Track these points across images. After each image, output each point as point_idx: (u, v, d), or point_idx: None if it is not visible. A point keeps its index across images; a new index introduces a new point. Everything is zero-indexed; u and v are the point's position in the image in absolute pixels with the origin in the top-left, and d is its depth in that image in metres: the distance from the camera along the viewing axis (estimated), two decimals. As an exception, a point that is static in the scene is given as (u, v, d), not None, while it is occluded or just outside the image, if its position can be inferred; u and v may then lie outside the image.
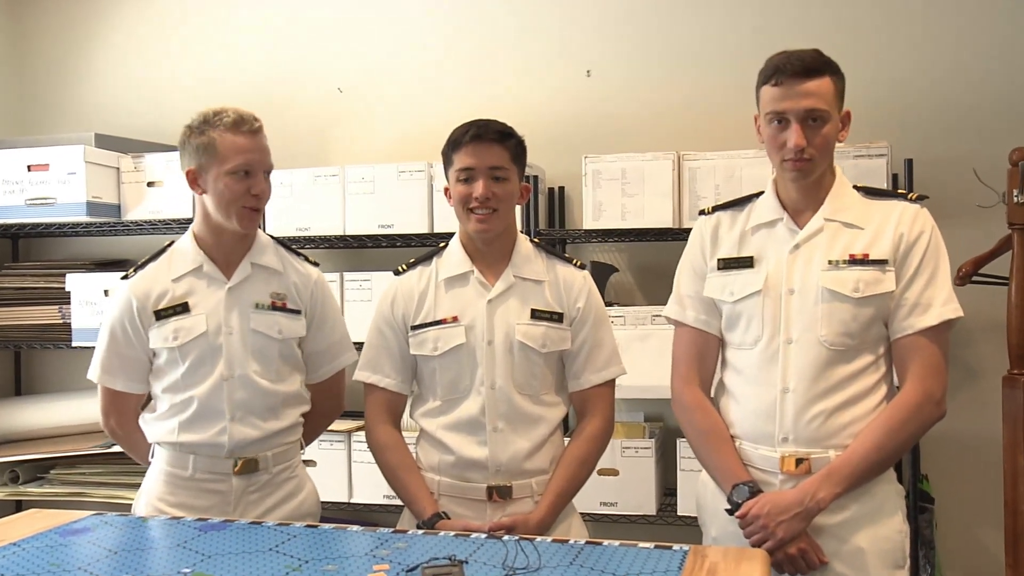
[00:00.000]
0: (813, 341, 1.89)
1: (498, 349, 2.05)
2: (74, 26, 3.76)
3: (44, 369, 3.76)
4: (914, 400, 1.87)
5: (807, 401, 1.89)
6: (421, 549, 1.71)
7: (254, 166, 2.09)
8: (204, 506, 2.11)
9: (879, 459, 1.86)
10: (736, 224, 2.03)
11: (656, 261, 3.19)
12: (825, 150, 1.89)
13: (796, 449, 1.90)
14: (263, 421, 2.14)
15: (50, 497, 3.24)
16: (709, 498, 2.03)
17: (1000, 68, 2.95)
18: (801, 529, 1.85)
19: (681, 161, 2.90)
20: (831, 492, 1.85)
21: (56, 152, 3.20)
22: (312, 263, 2.32)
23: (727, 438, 1.99)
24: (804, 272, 1.92)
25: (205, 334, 2.11)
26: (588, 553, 1.67)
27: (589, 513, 2.89)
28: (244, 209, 2.09)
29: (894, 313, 1.90)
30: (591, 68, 3.26)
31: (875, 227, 1.92)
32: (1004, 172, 2.65)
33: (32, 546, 1.77)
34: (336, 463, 3.14)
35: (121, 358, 2.16)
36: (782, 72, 1.87)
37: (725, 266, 2.00)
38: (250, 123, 2.09)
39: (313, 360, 2.27)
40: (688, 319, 2.05)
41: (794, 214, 1.97)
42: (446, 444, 2.06)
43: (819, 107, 1.85)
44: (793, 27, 3.06)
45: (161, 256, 2.19)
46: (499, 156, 2.02)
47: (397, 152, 3.35)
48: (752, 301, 1.95)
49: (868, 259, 1.89)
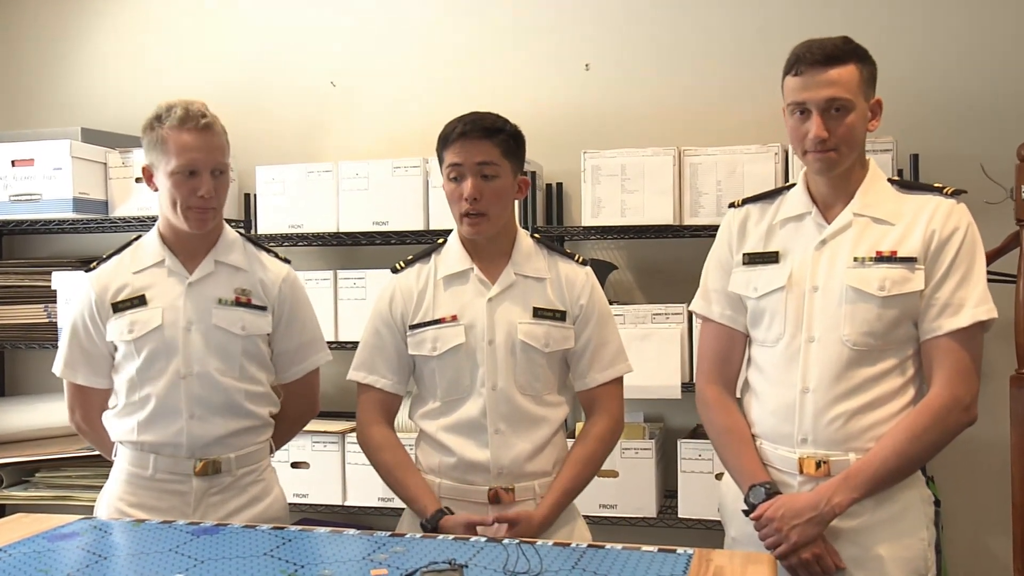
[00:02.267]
0: (835, 340, 1.84)
1: (499, 349, 2.00)
2: (60, 18, 3.71)
3: (29, 369, 3.71)
4: (940, 404, 1.81)
5: (827, 402, 1.84)
6: (420, 553, 1.67)
7: (198, 165, 2.02)
8: (164, 507, 2.08)
9: (900, 465, 1.81)
10: (765, 217, 1.99)
11: (656, 259, 3.16)
12: (850, 141, 1.83)
13: (815, 451, 1.85)
14: (224, 420, 2.10)
15: (36, 501, 3.21)
16: (730, 498, 2.00)
17: (1008, 62, 2.92)
18: (815, 534, 1.81)
19: (682, 157, 2.86)
20: (848, 497, 1.79)
21: (41, 147, 3.17)
22: (283, 260, 2.27)
23: (747, 438, 1.95)
24: (829, 269, 1.87)
25: (160, 328, 2.08)
26: (590, 557, 1.64)
27: (588, 515, 2.82)
28: (189, 210, 2.05)
29: (923, 313, 1.84)
30: (590, 62, 3.22)
31: (906, 223, 1.86)
32: (1012, 167, 2.63)
33: (19, 552, 1.73)
34: (330, 465, 3.09)
35: (83, 352, 2.15)
36: (802, 61, 1.82)
37: (750, 261, 1.97)
38: (196, 120, 2.02)
39: (282, 360, 2.23)
40: (714, 314, 2.02)
41: (824, 208, 1.92)
42: (447, 446, 2.02)
43: (840, 96, 1.79)
44: (796, 21, 3.03)
45: (125, 250, 2.18)
46: (487, 152, 1.96)
47: (391, 147, 3.31)
48: (775, 297, 1.91)
49: (896, 256, 1.83)
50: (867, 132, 1.87)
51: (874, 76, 1.87)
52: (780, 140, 2.80)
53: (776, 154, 2.77)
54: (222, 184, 2.08)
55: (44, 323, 3.35)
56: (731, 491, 1.99)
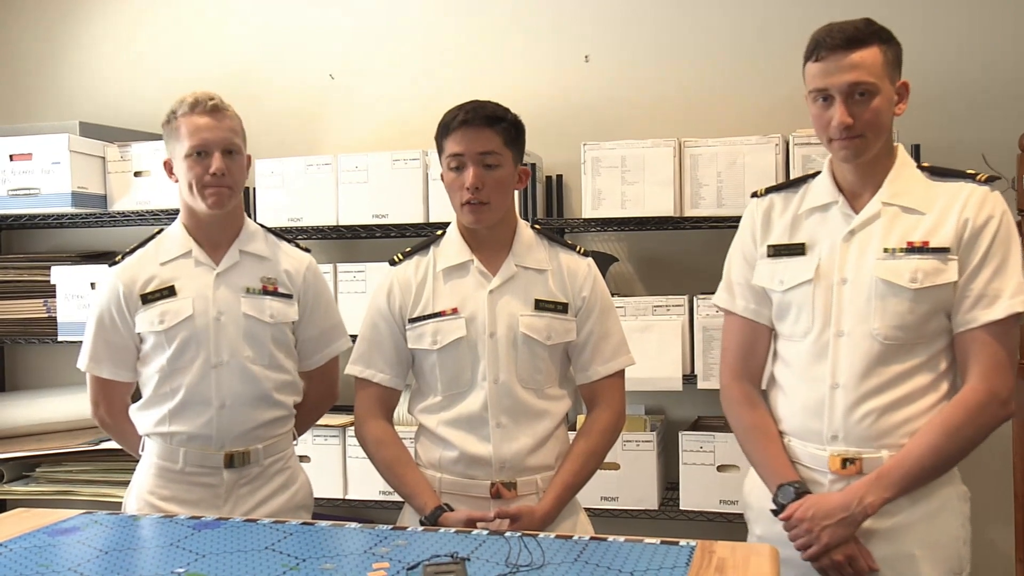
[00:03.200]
0: (865, 335, 1.78)
1: (501, 342, 1.98)
2: (58, 12, 3.69)
3: (29, 364, 3.70)
4: (976, 399, 1.74)
5: (858, 398, 1.78)
6: (422, 546, 1.66)
7: (208, 145, 2.05)
8: (195, 499, 2.09)
9: (935, 463, 1.75)
10: (789, 207, 1.92)
11: (657, 250, 3.15)
12: (876, 126, 1.76)
13: (846, 448, 1.80)
14: (253, 410, 2.11)
15: (36, 496, 3.20)
16: (755, 496, 1.95)
17: (1009, 52, 2.90)
18: (847, 535, 1.75)
19: (682, 148, 2.84)
20: (880, 497, 1.74)
21: (39, 141, 3.15)
22: (304, 249, 2.30)
23: (775, 435, 1.90)
24: (858, 260, 1.80)
25: (191, 317, 2.08)
26: (593, 549, 1.63)
27: (590, 508, 2.82)
28: (205, 188, 2.06)
29: (957, 305, 1.77)
30: (589, 53, 3.21)
31: (938, 212, 1.78)
32: (1014, 157, 2.62)
33: (20, 547, 1.72)
34: (331, 458, 3.09)
35: (108, 345, 2.15)
36: (823, 46, 1.75)
37: (775, 253, 1.90)
38: (204, 103, 2.06)
39: (306, 347, 2.25)
40: (737, 308, 1.97)
41: (851, 197, 1.85)
42: (448, 440, 2.00)
43: (864, 80, 1.73)
44: (796, 12, 3.01)
45: (149, 243, 2.19)
46: (490, 141, 1.94)
47: (391, 140, 3.30)
48: (802, 291, 1.85)
49: (928, 247, 1.76)
50: (894, 116, 1.81)
51: (899, 57, 1.80)
52: (781, 131, 2.78)
53: (777, 145, 2.76)
54: (236, 165, 2.10)
55: (43, 318, 3.34)
56: (756, 488, 1.94)
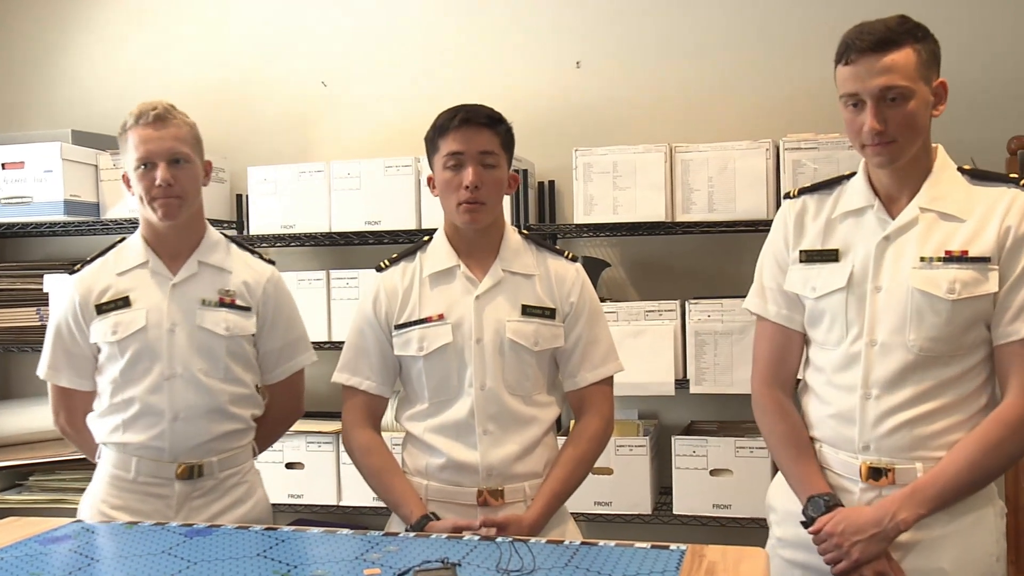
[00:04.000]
0: (900, 344, 1.73)
1: (487, 348, 1.97)
2: (49, 19, 3.69)
3: (22, 372, 3.69)
4: (1017, 415, 1.69)
5: (891, 408, 1.74)
6: (413, 552, 1.66)
7: (152, 156, 2.04)
8: (147, 510, 2.07)
9: (972, 479, 1.70)
10: (823, 210, 1.86)
11: (649, 255, 3.15)
12: (911, 129, 1.70)
13: (878, 458, 1.76)
14: (208, 422, 2.09)
15: (29, 505, 3.21)
16: (782, 499, 1.91)
17: (999, 56, 2.91)
18: (879, 551, 1.71)
19: (673, 153, 2.85)
20: (914, 513, 1.69)
21: (31, 149, 3.15)
22: (267, 261, 2.27)
23: (806, 444, 1.86)
24: (894, 269, 1.75)
25: (144, 329, 2.07)
26: (583, 554, 1.63)
27: (583, 513, 2.85)
28: (155, 200, 2.06)
29: (998, 316, 1.71)
30: (581, 59, 3.21)
31: (978, 218, 1.72)
32: (1003, 160, 2.63)
33: (11, 555, 1.72)
34: (324, 465, 3.08)
35: (67, 354, 2.15)
36: (852, 48, 1.70)
37: (808, 258, 1.85)
38: (147, 114, 2.05)
39: (267, 360, 2.23)
40: (770, 314, 1.92)
41: (887, 201, 1.79)
42: (434, 447, 1.98)
43: (896, 83, 1.67)
44: (788, 15, 3.02)
45: (109, 252, 2.19)
46: (489, 141, 1.94)
47: (383, 147, 3.30)
48: (835, 298, 1.80)
49: (967, 256, 1.70)
50: (932, 118, 1.75)
51: (936, 56, 1.74)
52: (771, 136, 2.79)
53: (767, 150, 2.76)
54: (185, 173, 2.07)
55: (36, 326, 3.33)
56: (783, 491, 1.90)
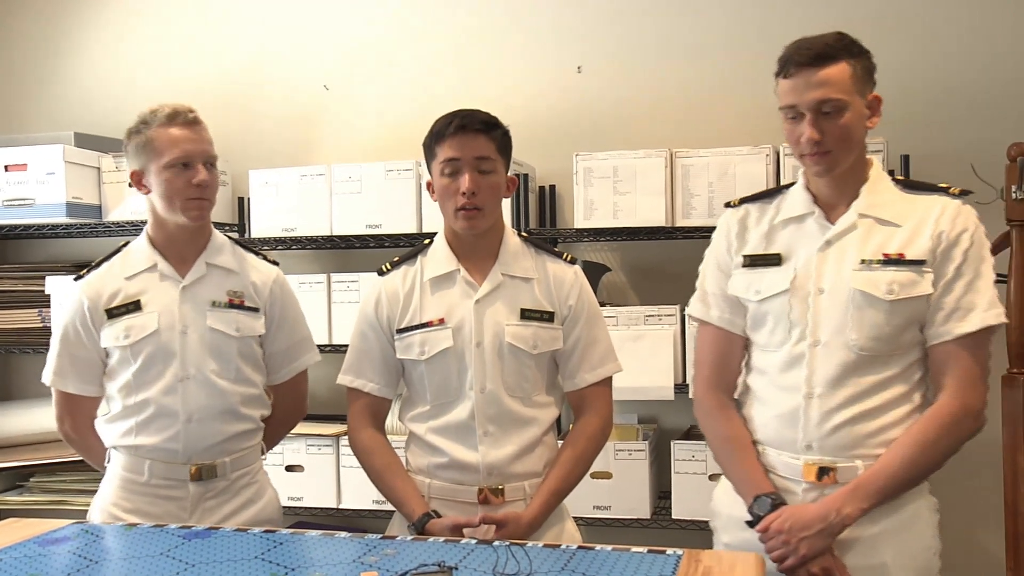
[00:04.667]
0: (842, 345, 1.79)
1: (487, 351, 1.98)
2: (51, 22, 3.70)
3: (23, 374, 3.70)
4: (951, 413, 1.76)
5: (833, 408, 1.79)
6: (410, 555, 1.67)
7: (192, 157, 2.05)
8: (159, 512, 2.08)
9: (910, 475, 1.77)
10: (764, 217, 1.93)
11: (649, 260, 3.16)
12: (845, 141, 1.77)
13: (821, 457, 1.81)
14: (220, 423, 2.10)
15: (30, 506, 3.21)
16: (725, 504, 1.95)
17: (998, 62, 2.92)
18: (825, 546, 1.75)
19: (673, 158, 2.86)
20: (858, 508, 1.74)
21: (34, 152, 3.16)
22: (272, 262, 2.28)
23: (749, 445, 1.90)
24: (835, 271, 1.81)
25: (157, 332, 2.08)
26: (580, 558, 1.64)
27: (582, 517, 2.85)
28: (188, 201, 2.06)
29: (931, 317, 1.78)
30: (582, 64, 3.22)
31: (913, 224, 1.80)
32: (1002, 168, 2.62)
33: (10, 556, 1.72)
34: (324, 468, 3.09)
35: (73, 360, 2.14)
36: (791, 62, 1.78)
37: (751, 263, 1.91)
38: (184, 115, 2.07)
39: (274, 360, 2.24)
40: (712, 318, 1.96)
41: (826, 208, 1.86)
42: (436, 447, 2.01)
43: (831, 96, 1.74)
44: (788, 21, 3.03)
45: (115, 256, 2.18)
46: (485, 147, 1.95)
47: (384, 150, 3.30)
48: (779, 301, 1.85)
49: (903, 259, 1.78)
50: (867, 130, 1.83)
51: (871, 71, 1.81)
52: (772, 141, 2.80)
53: (768, 155, 2.77)
54: (214, 178, 2.10)
55: (38, 328, 3.34)
56: (727, 496, 1.94)
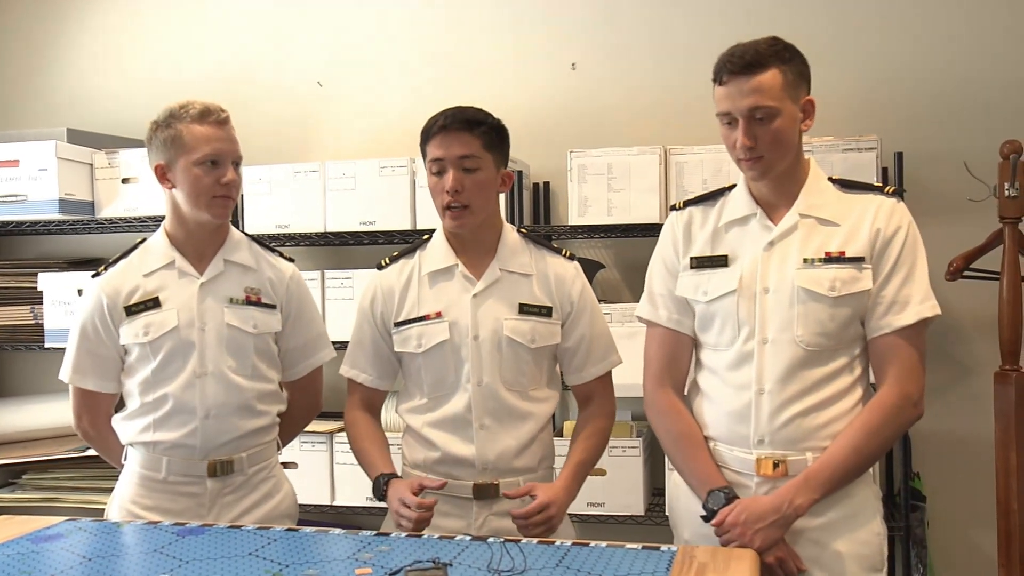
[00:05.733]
0: (789, 341, 1.84)
1: (485, 345, 2.00)
2: (45, 19, 3.69)
3: (15, 371, 3.69)
4: (892, 402, 1.82)
5: (783, 402, 1.84)
6: (404, 552, 1.67)
7: (222, 155, 2.06)
8: (178, 509, 2.08)
9: (857, 463, 1.82)
10: (709, 220, 1.97)
11: (643, 257, 3.07)
12: (778, 145, 1.81)
13: (772, 451, 1.85)
14: (237, 419, 2.11)
15: (23, 503, 3.19)
16: (682, 500, 1.98)
17: (991, 61, 2.93)
18: (779, 537, 1.80)
19: (668, 155, 2.86)
20: (809, 498, 1.79)
21: (27, 148, 3.15)
22: (287, 259, 2.29)
23: (701, 442, 1.93)
24: (779, 270, 1.86)
25: (176, 328, 2.08)
26: (575, 555, 1.64)
27: (576, 514, 2.85)
28: (215, 199, 2.07)
29: (871, 312, 1.85)
30: (576, 61, 3.22)
31: (851, 223, 1.86)
32: (995, 165, 2.63)
33: (3, 554, 1.72)
34: (318, 465, 3.09)
35: (92, 357, 2.13)
36: (724, 70, 1.81)
37: (698, 265, 1.95)
38: (216, 113, 2.07)
39: (289, 357, 2.25)
40: (661, 319, 2.00)
41: (768, 209, 1.91)
42: (432, 441, 2.03)
43: (762, 104, 1.77)
44: (781, 19, 3.03)
45: (132, 253, 2.18)
46: (468, 145, 1.97)
47: (378, 147, 3.31)
48: (727, 301, 1.89)
49: (844, 256, 1.84)
50: (802, 132, 1.86)
51: (803, 75, 1.84)
52: (765, 138, 2.80)
53: (761, 152, 2.77)
54: (239, 176, 2.12)
55: (30, 324, 3.33)
56: (683, 493, 1.97)
